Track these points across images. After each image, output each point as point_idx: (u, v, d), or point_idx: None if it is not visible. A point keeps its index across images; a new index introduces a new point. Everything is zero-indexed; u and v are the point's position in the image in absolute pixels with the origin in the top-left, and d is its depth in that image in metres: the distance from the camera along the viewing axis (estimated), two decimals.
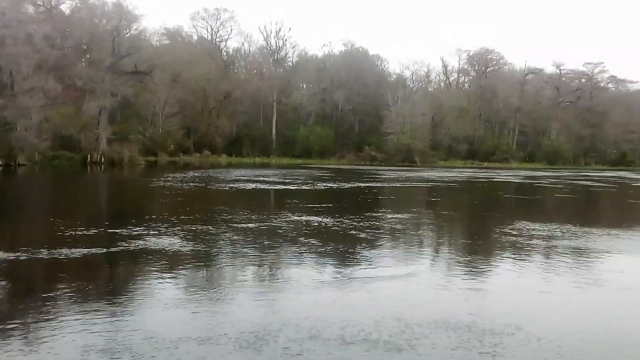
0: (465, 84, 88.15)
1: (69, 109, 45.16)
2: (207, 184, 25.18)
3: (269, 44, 75.65)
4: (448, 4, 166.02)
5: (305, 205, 17.10)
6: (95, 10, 53.42)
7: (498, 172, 49.51)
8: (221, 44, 76.02)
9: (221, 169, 41.18)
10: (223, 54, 76.10)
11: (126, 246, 9.16)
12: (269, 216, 13.57)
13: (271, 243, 9.98)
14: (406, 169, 50.21)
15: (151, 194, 20.83)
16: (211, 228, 11.30)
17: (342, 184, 27.23)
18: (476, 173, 46.37)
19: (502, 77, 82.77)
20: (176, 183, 24.42)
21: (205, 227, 11.35)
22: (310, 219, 13.44)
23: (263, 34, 76.90)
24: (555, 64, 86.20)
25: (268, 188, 23.71)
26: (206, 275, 7.55)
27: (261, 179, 29.34)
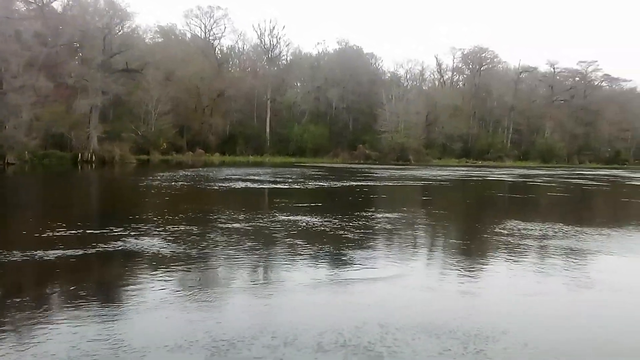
0: (459, 83, 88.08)
1: (60, 107, 44.70)
2: (197, 183, 24.85)
3: (262, 42, 75.37)
4: (442, 3, 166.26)
5: (294, 205, 16.83)
6: (87, 8, 52.95)
7: (492, 171, 49.40)
8: (215, 42, 75.67)
9: (213, 168, 40.86)
10: (217, 52, 75.68)
11: (104, 247, 8.87)
12: (256, 216, 13.30)
13: (255, 244, 9.71)
14: (400, 168, 50.03)
15: (137, 194, 20.51)
16: (195, 228, 11.01)
17: (334, 183, 26.98)
18: (470, 171, 46.23)
19: (496, 76, 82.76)
20: (165, 182, 24.09)
21: (188, 228, 11.06)
22: (298, 218, 13.18)
23: (257, 32, 76.51)
24: (549, 63, 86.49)
25: (258, 187, 23.41)
26: (183, 278, 7.27)
27: (252, 177, 29.04)
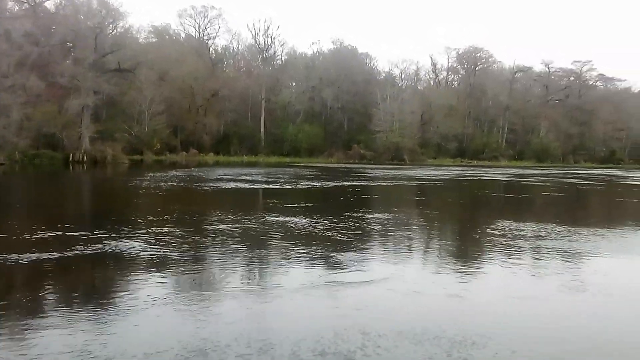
0: (454, 82, 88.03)
1: (52, 107, 44.32)
2: (187, 183, 24.54)
3: (257, 42, 75.06)
4: (439, 4, 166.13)
5: (283, 205, 16.56)
6: (80, 7, 52.58)
7: (486, 170, 49.26)
8: (209, 41, 75.38)
9: (206, 168, 40.56)
10: (211, 52, 75.37)
11: (82, 251, 8.59)
12: (243, 217, 13.03)
13: (239, 246, 9.45)
14: (395, 167, 49.83)
15: (125, 195, 20.21)
16: (179, 230, 10.73)
17: (326, 183, 26.72)
18: (464, 171, 46.07)
19: (491, 76, 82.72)
20: (154, 183, 23.78)
21: (172, 230, 10.78)
22: (286, 219, 12.92)
23: (252, 31, 76.44)
24: (544, 62, 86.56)
25: (249, 187, 23.11)
26: (158, 283, 7.00)
27: (244, 178, 28.75)
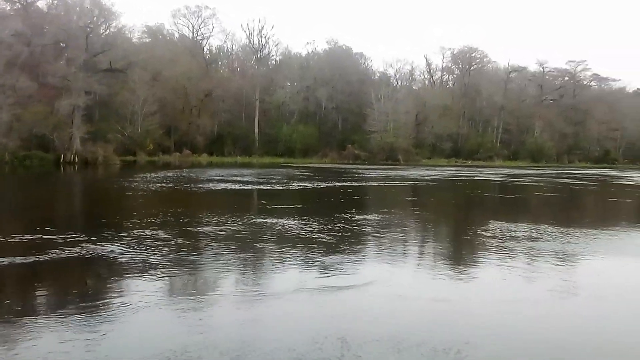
0: (449, 82, 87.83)
1: (42, 107, 43.85)
2: (176, 184, 24.22)
3: (251, 42, 74.68)
4: (436, 5, 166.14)
5: (272, 207, 16.29)
6: (72, 7, 52.09)
7: (481, 170, 49.13)
8: (203, 41, 74.93)
9: (198, 169, 40.22)
10: (205, 52, 74.97)
11: (58, 254, 8.31)
12: (230, 219, 12.76)
13: (221, 250, 9.19)
14: (389, 168, 49.63)
15: (112, 196, 19.91)
16: (162, 233, 10.45)
17: (318, 184, 26.45)
18: (458, 171, 45.92)
19: (486, 76, 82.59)
20: (144, 184, 23.47)
21: (155, 232, 10.51)
22: (274, 221, 12.68)
23: (246, 31, 75.90)
24: (538, 62, 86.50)
25: (239, 188, 22.81)
26: (133, 288, 6.74)
27: (236, 178, 28.45)
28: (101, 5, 51.50)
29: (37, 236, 9.72)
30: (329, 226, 12.14)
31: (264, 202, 18.29)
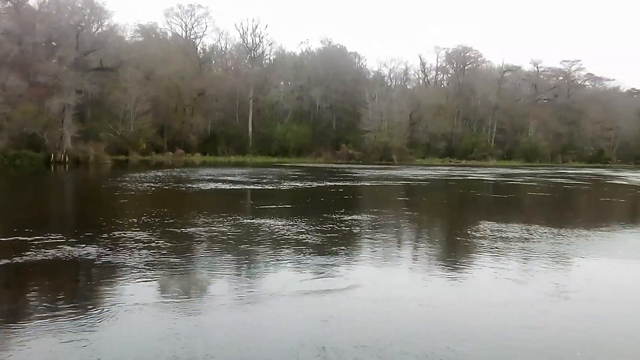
0: (443, 82, 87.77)
1: (33, 106, 43.42)
2: (165, 184, 23.89)
3: (245, 41, 74.42)
4: (432, 5, 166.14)
5: (260, 207, 16.03)
6: (64, 5, 51.64)
7: (474, 170, 49.01)
8: (196, 40, 74.56)
9: (192, 168, 39.91)
10: (198, 51, 74.59)
11: (33, 257, 8.02)
12: (216, 220, 12.50)
13: (202, 252, 8.92)
14: (382, 167, 49.45)
15: (98, 196, 19.60)
16: (143, 234, 10.17)
17: (309, 184, 26.19)
18: (452, 171, 45.78)
19: (481, 75, 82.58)
20: (133, 183, 23.13)
21: (136, 233, 10.22)
22: (261, 222, 12.42)
23: (240, 30, 75.51)
24: (532, 62, 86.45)
25: (228, 188, 22.52)
26: (107, 292, 6.47)
27: (226, 178, 28.15)
28: (93, 3, 51.16)
29: (14, 238, 9.42)
30: (316, 227, 11.90)
31: (252, 202, 18.03)
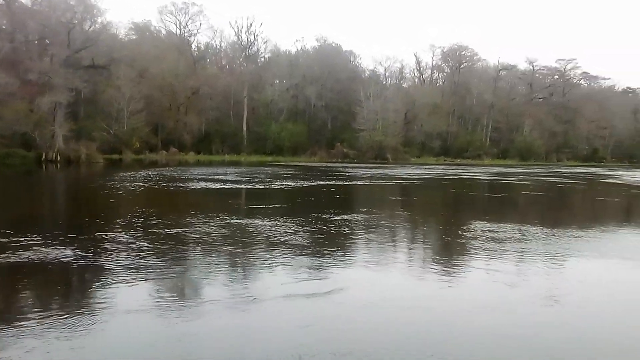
0: (439, 81, 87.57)
1: (24, 105, 42.97)
2: (155, 183, 23.54)
3: (240, 39, 74.02)
4: (432, 5, 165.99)
5: (249, 207, 15.76)
6: (57, 3, 51.08)
7: (469, 169, 48.85)
8: (190, 38, 74.06)
9: (184, 167, 39.56)
10: (193, 49, 74.12)
11: (6, 259, 7.75)
12: (202, 220, 12.23)
13: (183, 254, 8.65)
14: (377, 167, 49.23)
15: (84, 196, 19.25)
16: (125, 235, 9.89)
17: (301, 183, 25.91)
18: (446, 170, 45.60)
19: (476, 74, 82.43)
20: (122, 183, 22.80)
21: (117, 234, 9.94)
22: (248, 222, 12.16)
23: (234, 28, 75.15)
24: (528, 60, 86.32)
25: (219, 187, 22.20)
26: (79, 297, 6.21)
27: (218, 177, 27.84)
28: (86, 1, 50.65)
29: None
30: (305, 227, 11.66)
31: (241, 202, 17.74)
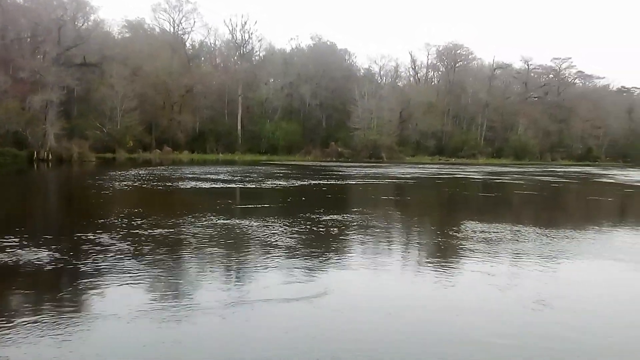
0: (434, 79, 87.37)
1: (16, 103, 42.55)
2: (145, 182, 23.24)
3: (234, 38, 73.68)
4: (428, 4, 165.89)
5: (237, 207, 15.52)
6: (49, 0, 50.66)
7: (463, 168, 48.70)
8: (184, 36, 73.63)
9: (177, 166, 39.25)
10: (187, 47, 73.70)
11: None
12: (188, 220, 11.97)
13: (164, 256, 8.38)
14: (371, 166, 49.03)
15: (71, 195, 18.98)
16: (106, 237, 9.62)
17: (293, 182, 25.66)
18: (441, 169, 45.45)
19: (471, 73, 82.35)
20: (112, 182, 22.49)
21: (98, 236, 9.66)
22: (235, 222, 11.92)
23: (229, 27, 74.75)
24: (523, 59, 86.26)
25: (209, 187, 21.90)
26: (51, 301, 5.94)
27: (210, 176, 27.55)
28: None
29: None
30: (293, 228, 11.43)
31: (230, 202, 17.46)
